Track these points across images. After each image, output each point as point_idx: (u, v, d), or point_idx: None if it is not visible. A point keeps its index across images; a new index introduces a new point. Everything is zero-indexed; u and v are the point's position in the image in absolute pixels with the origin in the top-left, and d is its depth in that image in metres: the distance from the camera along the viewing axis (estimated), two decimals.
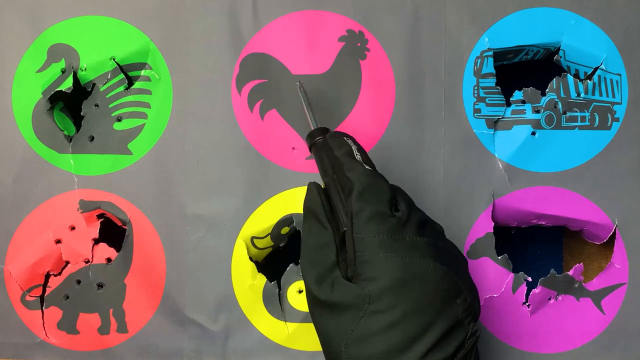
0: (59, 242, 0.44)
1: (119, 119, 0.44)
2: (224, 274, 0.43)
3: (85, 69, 0.43)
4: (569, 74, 0.43)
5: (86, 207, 0.44)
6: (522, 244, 0.51)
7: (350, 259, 0.31)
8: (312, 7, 0.43)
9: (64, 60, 0.43)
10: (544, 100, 0.43)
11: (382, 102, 0.43)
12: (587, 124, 0.43)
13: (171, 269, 0.43)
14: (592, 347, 0.44)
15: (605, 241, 0.45)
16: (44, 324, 0.44)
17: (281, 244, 0.45)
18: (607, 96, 0.43)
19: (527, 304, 0.43)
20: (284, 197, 0.43)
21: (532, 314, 0.43)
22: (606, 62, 0.43)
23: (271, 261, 0.46)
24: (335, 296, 0.31)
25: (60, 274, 0.44)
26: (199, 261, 0.43)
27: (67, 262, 0.44)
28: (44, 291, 0.44)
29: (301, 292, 0.43)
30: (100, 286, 0.44)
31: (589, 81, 0.43)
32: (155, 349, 0.43)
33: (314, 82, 0.43)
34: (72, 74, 0.43)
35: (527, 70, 0.48)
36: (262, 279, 0.43)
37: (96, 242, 0.44)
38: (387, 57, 0.43)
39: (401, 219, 0.31)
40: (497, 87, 0.43)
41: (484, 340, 0.43)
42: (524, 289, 0.43)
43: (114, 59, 0.43)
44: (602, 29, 0.43)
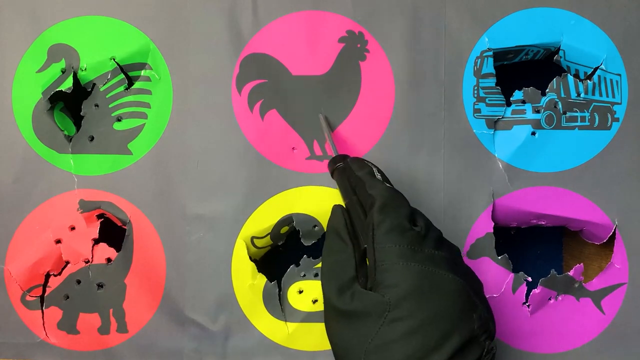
0: (59, 242, 0.44)
1: (119, 119, 0.44)
2: (224, 274, 0.43)
3: (85, 69, 0.43)
4: (569, 74, 0.43)
5: (86, 207, 0.44)
6: (522, 244, 0.51)
7: (370, 269, 0.32)
8: (312, 8, 0.43)
9: (64, 60, 0.43)
10: (544, 100, 0.43)
11: (381, 103, 0.43)
12: (587, 124, 0.43)
13: (171, 269, 0.44)
14: (592, 347, 0.44)
15: (605, 241, 0.45)
16: (44, 324, 0.44)
17: (280, 243, 0.45)
18: (607, 96, 0.43)
19: (527, 304, 0.43)
20: (284, 197, 0.43)
21: (532, 314, 0.43)
22: (606, 62, 0.43)
23: (271, 261, 0.46)
24: (355, 305, 0.31)
25: (60, 274, 0.44)
26: (199, 261, 0.43)
27: (67, 262, 0.44)
28: (44, 291, 0.44)
29: (301, 292, 0.43)
30: (100, 286, 0.44)
31: (589, 81, 0.43)
32: (155, 349, 0.43)
33: (313, 83, 0.43)
34: (72, 74, 0.43)
35: (527, 70, 0.48)
36: (262, 279, 0.43)
37: (96, 242, 0.44)
38: (386, 58, 0.43)
39: (420, 233, 0.32)
40: (497, 87, 0.43)
41: None
42: (524, 289, 0.43)
43: (114, 59, 0.43)
44: (602, 29, 0.43)
